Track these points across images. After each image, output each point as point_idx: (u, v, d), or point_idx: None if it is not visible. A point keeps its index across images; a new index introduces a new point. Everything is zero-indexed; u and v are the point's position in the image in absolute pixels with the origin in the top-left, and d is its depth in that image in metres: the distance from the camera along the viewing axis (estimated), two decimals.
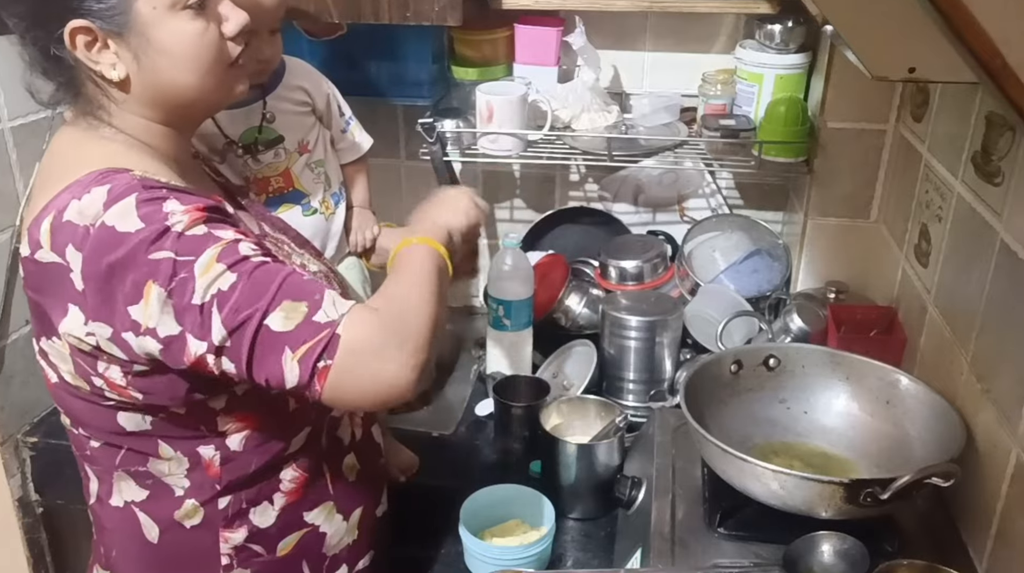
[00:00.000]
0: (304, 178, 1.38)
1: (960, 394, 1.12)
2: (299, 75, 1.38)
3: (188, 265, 0.83)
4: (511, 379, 1.49)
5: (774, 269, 1.65)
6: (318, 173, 1.40)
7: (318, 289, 0.87)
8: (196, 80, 0.94)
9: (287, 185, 1.37)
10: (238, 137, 1.32)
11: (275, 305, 0.84)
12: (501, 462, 1.44)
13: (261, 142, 1.33)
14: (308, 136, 1.39)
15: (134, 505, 1.00)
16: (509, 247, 1.52)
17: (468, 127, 1.64)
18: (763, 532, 1.03)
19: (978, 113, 1.12)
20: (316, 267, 1.11)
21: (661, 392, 1.51)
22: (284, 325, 0.83)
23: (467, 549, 1.19)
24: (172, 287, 0.82)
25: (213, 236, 0.85)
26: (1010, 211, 1.02)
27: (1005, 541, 1.00)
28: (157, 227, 0.83)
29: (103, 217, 0.83)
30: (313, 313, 0.84)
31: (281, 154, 1.35)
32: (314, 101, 1.39)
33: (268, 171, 1.35)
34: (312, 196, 1.39)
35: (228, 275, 0.83)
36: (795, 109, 1.52)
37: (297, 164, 1.37)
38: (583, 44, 1.58)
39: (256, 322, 0.83)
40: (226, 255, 0.84)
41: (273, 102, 1.34)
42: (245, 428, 0.98)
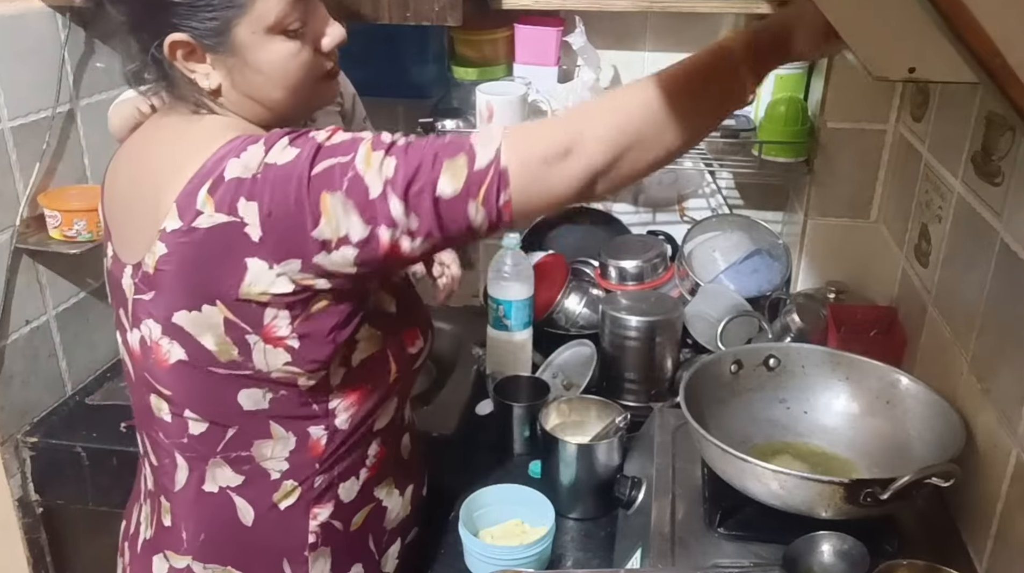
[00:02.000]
0: None
1: (960, 394, 1.12)
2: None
3: (350, 165, 0.87)
4: (511, 379, 1.49)
5: (774, 269, 1.66)
6: None
7: (464, 141, 0.89)
8: (288, 96, 0.97)
9: None
10: None
11: (438, 169, 0.87)
12: (501, 462, 1.44)
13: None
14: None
15: (230, 490, 1.02)
16: (509, 247, 1.52)
17: (468, 127, 1.64)
18: (763, 532, 1.03)
19: (978, 113, 1.12)
20: None
21: (661, 392, 1.51)
22: (454, 184, 0.87)
23: (467, 549, 1.19)
24: (346, 187, 0.86)
25: (357, 137, 0.90)
26: (1010, 211, 1.02)
27: (1005, 541, 1.00)
28: (311, 147, 0.88)
29: (265, 160, 0.87)
30: (473, 161, 0.87)
31: None
32: (344, 100, 1.41)
33: None
34: None
35: (388, 160, 0.87)
36: (795, 109, 1.52)
37: None
38: (583, 44, 1.58)
39: (431, 192, 0.86)
40: (377, 145, 0.88)
41: None
42: (352, 405, 1.02)
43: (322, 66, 0.99)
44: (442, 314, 1.93)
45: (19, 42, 1.47)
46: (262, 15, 0.92)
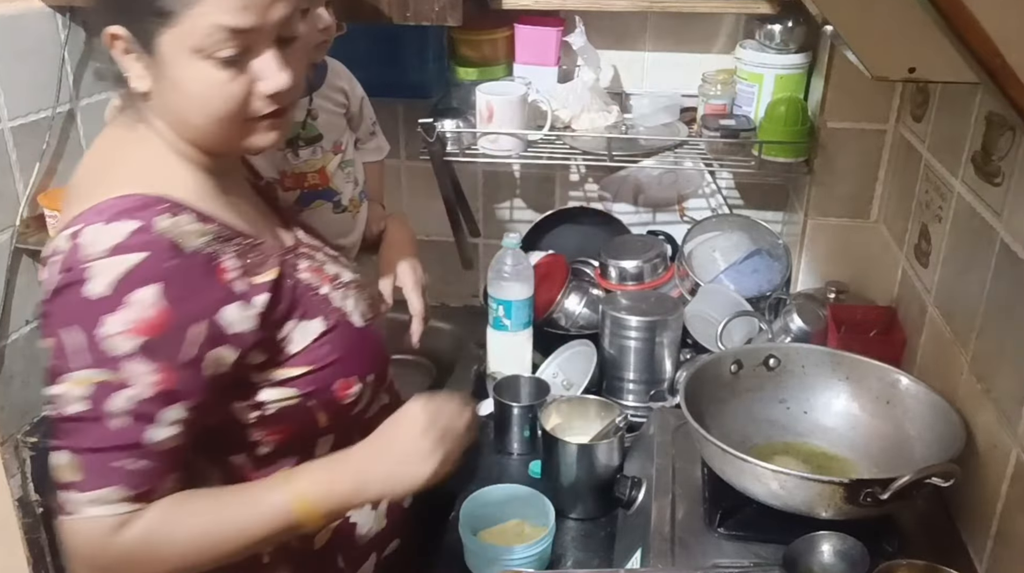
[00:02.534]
0: (337, 177, 1.40)
1: (960, 394, 1.12)
2: (340, 76, 1.40)
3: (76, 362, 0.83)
4: (511, 379, 1.49)
5: (774, 269, 1.65)
6: (348, 172, 1.42)
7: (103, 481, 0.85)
8: (209, 126, 0.91)
9: (322, 182, 1.38)
10: None
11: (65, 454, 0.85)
12: (501, 462, 1.44)
13: (303, 138, 1.33)
14: (342, 137, 1.41)
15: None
16: (509, 247, 1.52)
17: (468, 127, 1.64)
18: (763, 532, 1.03)
19: (978, 113, 1.12)
20: (350, 277, 1.11)
21: (661, 392, 1.51)
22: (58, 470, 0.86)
23: (467, 549, 1.19)
24: (55, 362, 0.85)
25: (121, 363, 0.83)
26: (1010, 211, 1.02)
27: (1005, 541, 1.00)
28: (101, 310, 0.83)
29: (93, 264, 0.83)
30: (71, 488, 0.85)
31: (319, 152, 1.36)
32: (350, 103, 1.41)
33: (305, 167, 1.36)
34: (343, 194, 1.41)
35: (78, 405, 0.84)
36: (795, 109, 1.52)
37: (332, 163, 1.39)
38: (583, 44, 1.58)
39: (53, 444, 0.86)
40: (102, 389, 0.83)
41: (317, 100, 1.34)
42: (275, 441, 1.00)
43: (254, 109, 0.91)
44: (442, 314, 1.93)
45: (19, 42, 1.47)
46: (188, 32, 0.85)
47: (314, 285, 1.02)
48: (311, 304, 1.00)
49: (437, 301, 1.97)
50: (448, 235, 1.77)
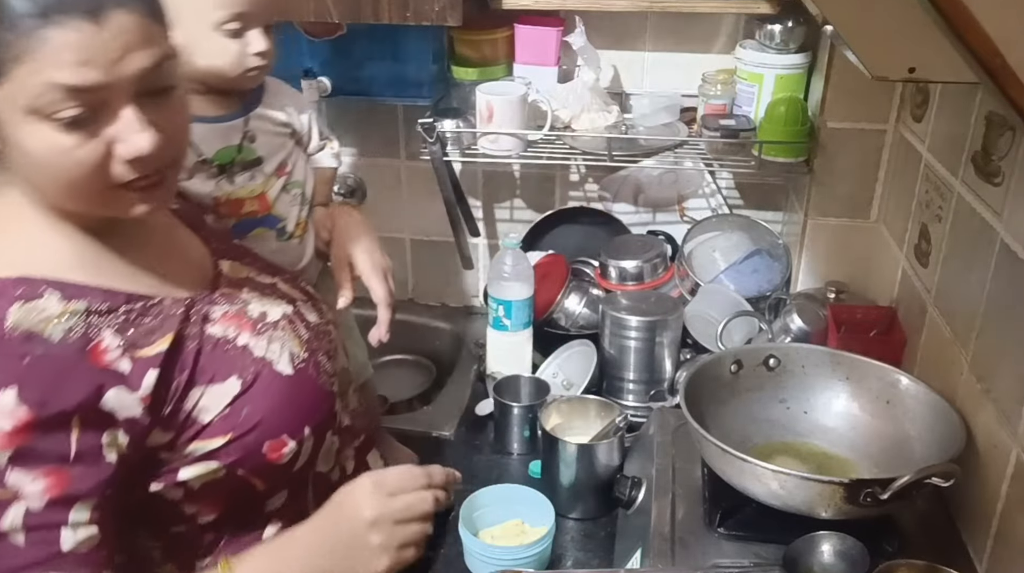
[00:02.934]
0: (280, 202, 1.27)
1: (960, 394, 1.12)
2: (281, 95, 1.29)
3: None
4: (511, 379, 1.49)
5: (774, 269, 1.65)
6: (294, 195, 1.29)
7: None
8: (63, 193, 0.80)
9: (262, 209, 1.24)
10: (213, 155, 1.19)
11: None
12: (501, 462, 1.44)
13: (239, 162, 1.21)
14: (288, 158, 1.28)
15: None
16: (509, 247, 1.52)
17: (468, 127, 1.64)
18: (763, 532, 1.03)
19: (978, 113, 1.12)
20: (280, 313, 1.00)
21: (661, 392, 1.51)
22: None
23: (467, 549, 1.19)
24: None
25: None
26: (1010, 211, 1.02)
27: (1005, 541, 1.00)
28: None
29: None
30: None
31: (258, 177, 1.24)
32: (293, 124, 1.30)
33: (242, 193, 1.23)
34: (288, 220, 1.28)
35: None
36: (795, 109, 1.52)
37: (274, 188, 1.26)
38: (583, 44, 1.58)
39: None
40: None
41: (254, 122, 1.23)
42: (214, 511, 0.92)
43: (115, 175, 0.79)
44: (442, 314, 1.93)
45: None
46: (20, 91, 0.73)
47: (229, 337, 0.91)
48: (222, 363, 0.89)
49: (437, 301, 1.97)
50: (448, 235, 1.77)
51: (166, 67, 0.80)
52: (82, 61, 0.73)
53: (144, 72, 0.77)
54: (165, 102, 0.80)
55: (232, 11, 1.11)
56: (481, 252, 1.90)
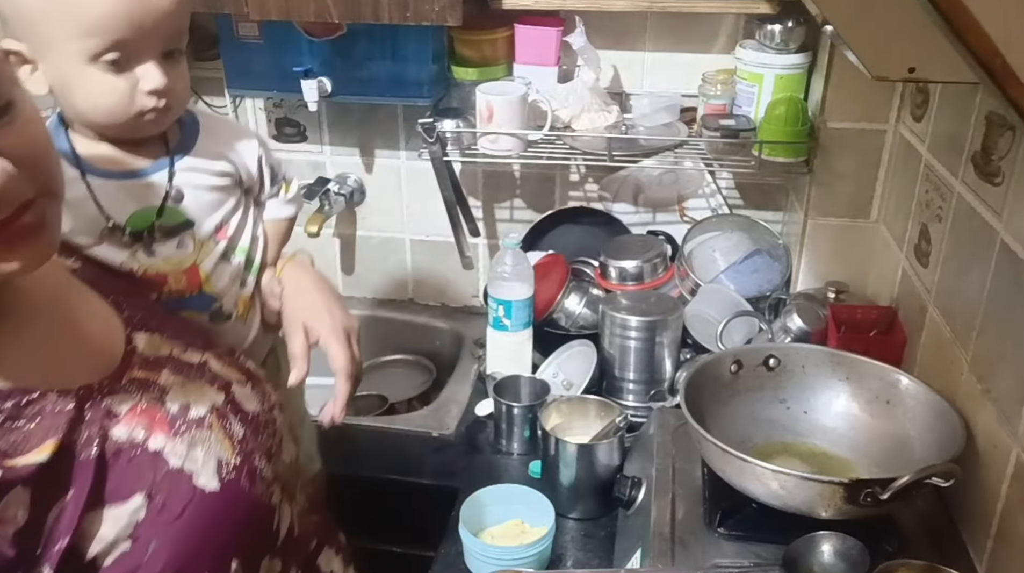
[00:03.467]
0: (217, 275, 1.03)
1: (960, 394, 1.12)
2: (219, 136, 1.04)
3: None
4: (511, 379, 1.49)
5: (774, 269, 1.66)
6: (237, 264, 1.05)
7: None
8: None
9: (191, 287, 1.01)
10: (125, 220, 0.96)
11: None
12: (501, 462, 1.44)
13: (160, 229, 0.98)
14: (229, 217, 1.05)
15: None
16: (509, 247, 1.52)
17: (468, 127, 1.64)
18: (763, 532, 1.03)
19: (978, 113, 1.12)
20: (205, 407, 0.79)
21: (661, 392, 1.51)
22: None
23: (467, 549, 1.19)
24: None
25: None
26: (1010, 211, 1.02)
27: (1005, 541, 1.00)
28: None
29: None
30: None
31: (188, 244, 1.00)
32: (239, 171, 1.05)
33: (165, 266, 0.99)
34: (224, 298, 1.04)
35: None
36: (795, 109, 1.52)
37: (209, 257, 1.02)
38: (583, 44, 1.58)
39: None
40: None
41: (183, 173, 0.99)
42: None
43: None
44: (442, 314, 1.93)
45: None
46: None
47: (136, 441, 0.71)
48: (124, 477, 0.68)
49: (437, 301, 1.97)
50: (448, 235, 1.77)
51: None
52: None
53: None
54: (3, 122, 0.62)
55: (109, 38, 0.86)
56: (481, 252, 1.90)
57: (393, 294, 1.99)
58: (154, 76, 0.90)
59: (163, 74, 0.91)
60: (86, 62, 0.87)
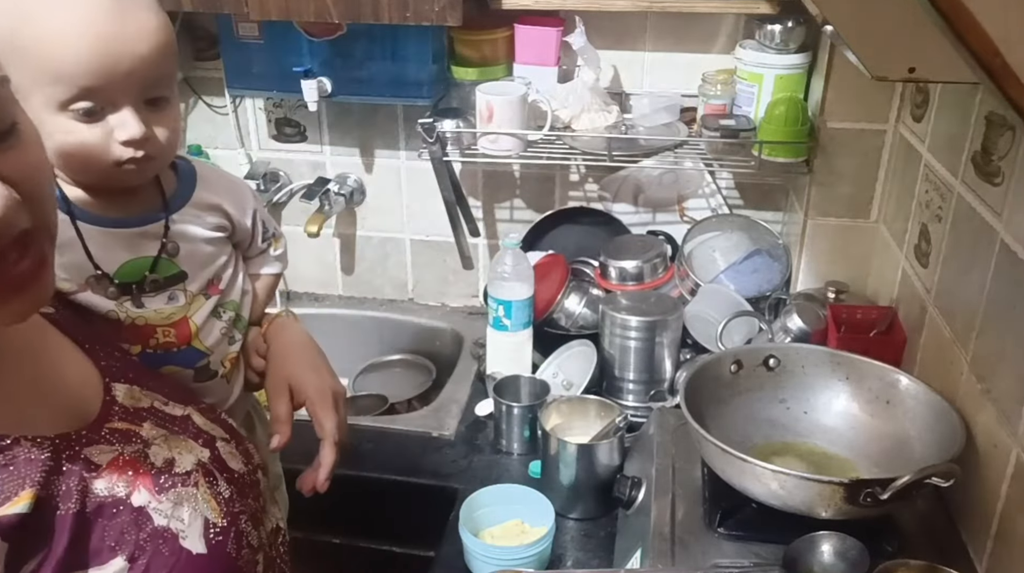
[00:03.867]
0: (207, 330, 0.99)
1: (960, 394, 1.12)
2: (215, 188, 1.01)
3: None
4: (511, 379, 1.49)
5: (774, 269, 1.66)
6: (227, 319, 1.02)
7: None
8: None
9: (180, 340, 0.97)
10: (114, 271, 0.92)
11: None
12: (501, 462, 1.44)
13: (152, 282, 0.93)
14: (222, 272, 1.01)
15: None
16: (509, 247, 1.52)
17: (468, 127, 1.64)
18: (763, 532, 1.03)
19: (978, 113, 1.12)
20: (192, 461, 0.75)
21: (661, 392, 1.51)
22: None
23: (467, 549, 1.19)
24: None
25: None
26: (1010, 211, 1.02)
27: (1005, 541, 1.00)
28: None
29: None
30: None
31: (179, 297, 0.96)
32: (234, 225, 1.03)
33: (154, 318, 0.95)
34: (213, 355, 1.00)
35: None
36: (795, 109, 1.52)
37: (200, 311, 0.98)
38: (583, 44, 1.58)
39: None
40: None
41: (178, 225, 0.95)
42: None
43: None
44: (442, 314, 1.94)
45: None
46: None
47: (118, 495, 0.66)
48: (106, 535, 0.64)
49: (437, 301, 1.97)
50: (448, 235, 1.77)
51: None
52: None
53: None
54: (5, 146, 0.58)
55: (77, 86, 0.80)
56: (481, 252, 1.90)
57: (393, 294, 1.99)
58: (130, 125, 0.84)
59: (140, 123, 0.84)
60: (55, 110, 0.81)
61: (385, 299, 1.99)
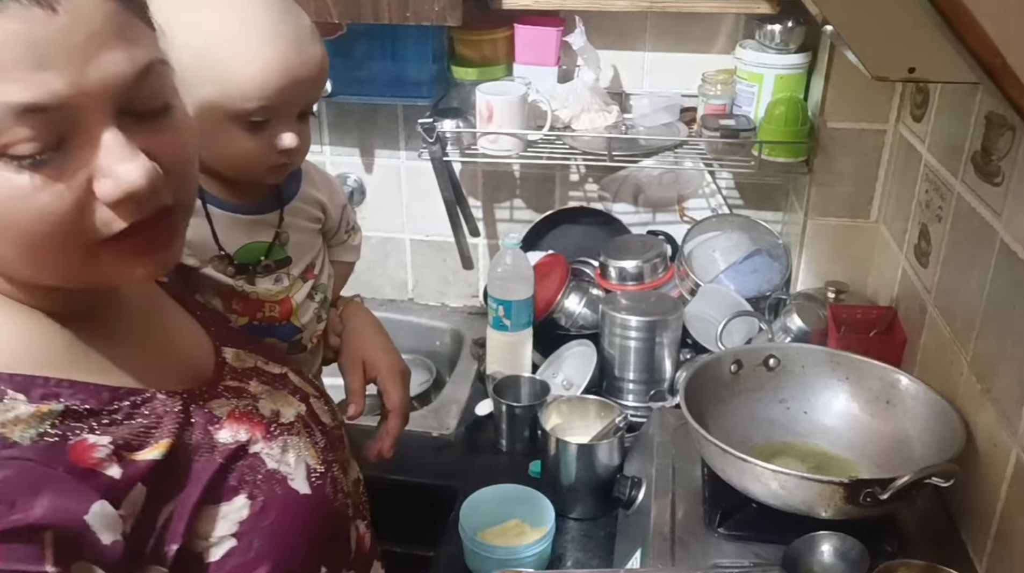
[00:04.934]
0: (303, 309, 1.10)
1: (960, 394, 1.12)
2: (317, 184, 1.13)
3: None
4: (511, 379, 1.49)
5: (774, 269, 1.66)
6: (319, 300, 1.13)
7: None
8: (23, 257, 0.61)
9: (283, 316, 1.07)
10: (235, 251, 1.02)
11: None
12: (501, 462, 1.44)
13: (264, 266, 1.05)
14: (317, 259, 1.13)
15: None
16: (509, 247, 1.52)
17: (468, 127, 1.64)
18: (763, 532, 1.03)
19: (978, 113, 1.12)
20: (293, 413, 0.84)
21: (661, 392, 1.51)
22: None
23: (467, 549, 1.19)
24: None
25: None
26: (1010, 211, 1.02)
27: (1005, 541, 1.00)
28: None
29: None
30: None
31: (284, 279, 1.07)
32: (328, 217, 1.15)
33: (264, 295, 1.06)
34: (306, 330, 1.11)
35: None
36: (795, 109, 1.52)
37: (300, 292, 1.09)
38: (583, 44, 1.58)
39: None
40: None
41: (289, 217, 1.06)
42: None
43: (99, 225, 0.60)
44: (442, 314, 1.94)
45: None
46: None
47: (240, 442, 0.75)
48: (230, 478, 0.72)
49: (437, 301, 1.97)
50: (448, 235, 1.77)
51: (156, 78, 0.61)
52: (35, 63, 0.53)
53: (124, 81, 0.58)
54: (159, 125, 0.62)
55: (259, 103, 0.90)
56: (481, 252, 1.90)
57: (393, 294, 1.99)
58: (290, 138, 0.95)
59: (297, 135, 0.95)
60: (229, 120, 0.91)
61: (385, 299, 1.99)
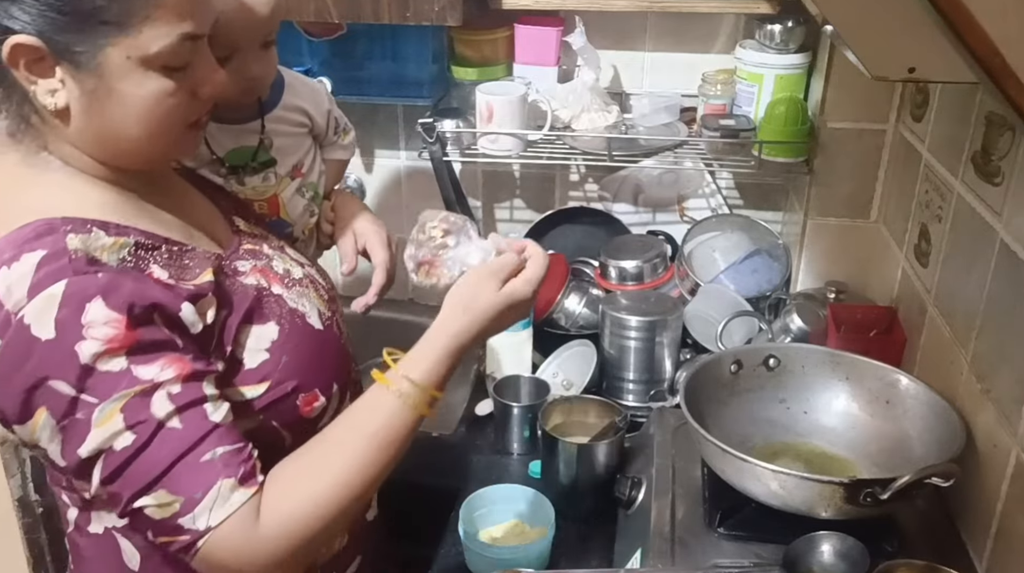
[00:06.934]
0: (292, 204, 1.25)
1: (960, 394, 1.12)
2: (300, 94, 1.25)
3: (88, 408, 0.77)
4: (511, 379, 1.49)
5: (774, 269, 1.66)
6: (309, 196, 1.28)
7: (205, 483, 0.79)
8: (145, 138, 0.84)
9: (272, 212, 1.23)
10: (225, 155, 1.17)
11: (150, 490, 0.78)
12: (501, 462, 1.44)
13: (252, 166, 1.20)
14: (304, 158, 1.27)
15: (115, 531, 0.93)
16: None
17: (468, 127, 1.64)
18: (763, 532, 1.03)
19: (978, 113, 1.12)
20: (301, 273, 1.04)
21: (661, 392, 1.51)
22: (152, 512, 0.79)
23: (467, 549, 1.19)
24: (64, 425, 0.77)
25: (129, 376, 0.78)
26: (1010, 211, 1.02)
27: (1005, 541, 1.00)
28: (66, 349, 0.75)
29: (24, 310, 0.75)
30: (183, 514, 0.78)
31: (271, 178, 1.22)
32: (313, 122, 1.27)
33: (252, 194, 1.21)
34: (296, 224, 1.26)
35: (124, 435, 0.77)
36: (795, 109, 1.52)
37: (287, 190, 1.24)
38: (583, 44, 1.58)
39: (126, 498, 0.79)
40: (132, 409, 0.77)
41: (271, 124, 1.21)
42: None
43: (193, 114, 0.88)
44: None
45: None
46: (144, 44, 0.79)
47: (263, 285, 0.95)
48: (261, 306, 0.93)
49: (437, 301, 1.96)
50: None
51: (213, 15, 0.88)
52: (192, 11, 0.81)
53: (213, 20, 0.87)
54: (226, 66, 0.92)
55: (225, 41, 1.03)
56: None
57: (393, 294, 1.98)
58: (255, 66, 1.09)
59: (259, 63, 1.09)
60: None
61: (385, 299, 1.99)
